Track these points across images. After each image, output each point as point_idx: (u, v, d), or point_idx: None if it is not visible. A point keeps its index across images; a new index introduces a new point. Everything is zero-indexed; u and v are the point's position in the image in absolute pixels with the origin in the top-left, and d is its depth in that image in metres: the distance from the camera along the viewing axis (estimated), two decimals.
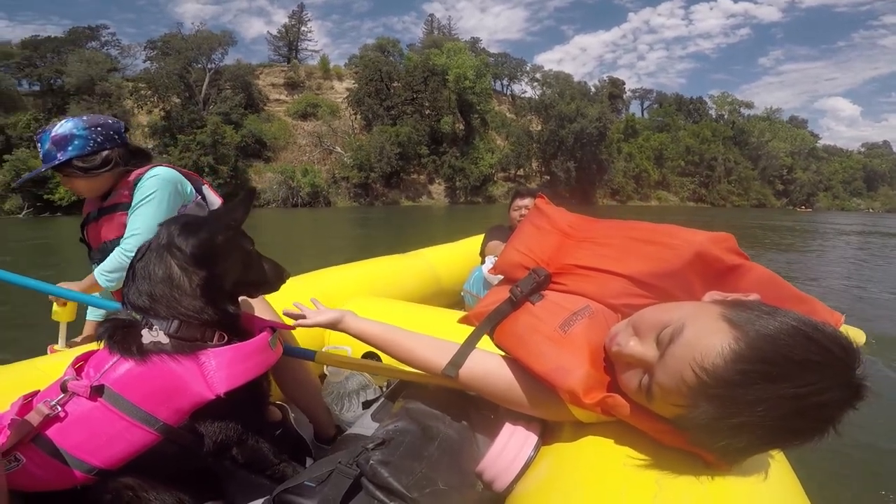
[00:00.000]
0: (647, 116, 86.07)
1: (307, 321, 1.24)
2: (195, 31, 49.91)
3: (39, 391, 1.02)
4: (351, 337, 1.19)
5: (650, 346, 0.78)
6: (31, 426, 0.90)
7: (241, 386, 1.02)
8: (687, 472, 0.72)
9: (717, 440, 0.69)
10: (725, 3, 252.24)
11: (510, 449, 0.98)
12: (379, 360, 1.71)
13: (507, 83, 75.55)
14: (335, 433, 1.59)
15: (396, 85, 52.47)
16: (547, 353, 0.90)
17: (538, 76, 64.97)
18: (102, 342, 1.02)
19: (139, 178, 1.80)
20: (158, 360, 0.97)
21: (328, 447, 1.53)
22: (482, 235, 3.48)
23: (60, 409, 0.93)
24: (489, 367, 1.01)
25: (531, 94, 66.12)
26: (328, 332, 2.05)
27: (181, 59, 45.22)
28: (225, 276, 1.08)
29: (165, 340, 0.99)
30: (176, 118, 42.59)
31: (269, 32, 75.10)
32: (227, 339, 1.07)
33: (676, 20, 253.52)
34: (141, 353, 0.97)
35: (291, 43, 70.55)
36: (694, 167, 73.50)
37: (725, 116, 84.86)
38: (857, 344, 0.65)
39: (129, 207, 1.79)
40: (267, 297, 1.44)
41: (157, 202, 1.75)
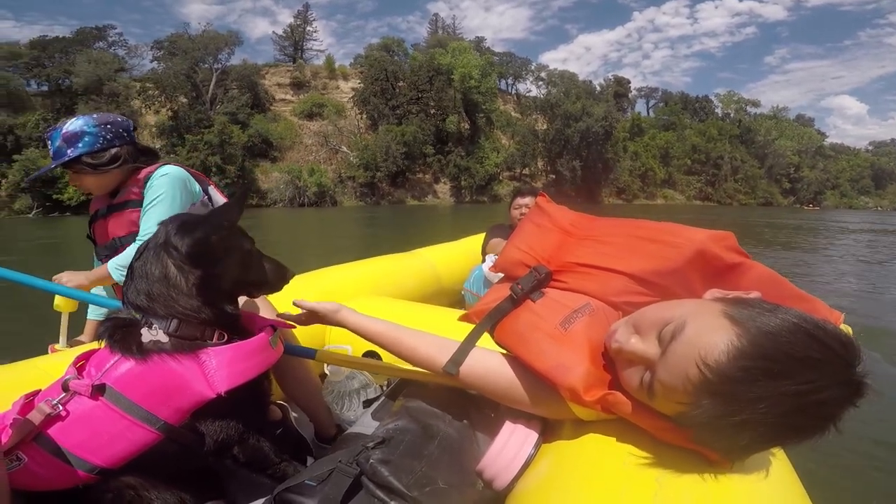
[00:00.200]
0: (652, 115, 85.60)
1: (302, 314, 1.24)
2: (202, 31, 50.27)
3: (41, 390, 1.02)
4: (351, 336, 1.19)
5: (652, 343, 0.78)
6: (32, 425, 0.90)
7: (242, 385, 1.01)
8: (687, 470, 0.72)
9: (719, 438, 0.69)
10: (731, 1, 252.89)
11: (510, 447, 0.97)
12: (380, 359, 1.71)
13: (511, 82, 75.55)
14: (336, 432, 1.59)
15: (402, 84, 52.55)
16: (547, 350, 0.90)
17: (543, 75, 64.95)
18: (103, 341, 1.02)
19: (149, 175, 1.81)
20: (159, 359, 0.96)
21: (329, 446, 1.52)
22: (482, 234, 3.49)
23: (62, 408, 0.93)
24: (490, 364, 1.00)
25: (536, 93, 66.19)
26: (329, 331, 2.05)
27: (188, 59, 45.50)
28: (222, 275, 1.07)
29: (165, 339, 0.99)
30: (183, 118, 42.85)
31: (274, 32, 75.87)
32: (226, 337, 1.07)
33: (681, 19, 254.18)
34: (141, 352, 0.97)
35: (297, 43, 70.85)
36: (700, 166, 73.25)
37: (732, 115, 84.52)
38: (857, 341, 0.65)
39: (138, 204, 1.81)
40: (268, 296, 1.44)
41: (169, 200, 1.77)
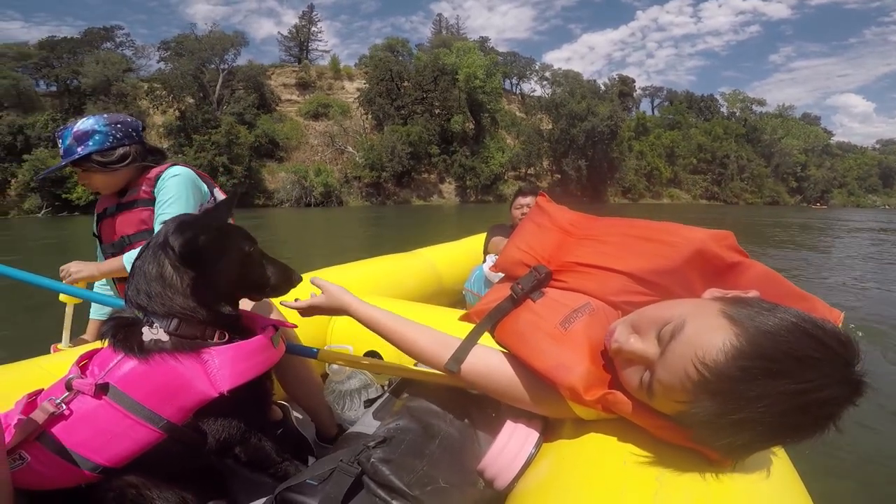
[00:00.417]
0: (657, 114, 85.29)
1: (306, 304, 1.22)
2: (208, 31, 50.50)
3: (43, 390, 1.03)
4: (352, 335, 1.19)
5: (651, 342, 0.77)
6: (35, 424, 0.91)
7: (244, 384, 1.02)
8: (688, 469, 0.72)
9: (718, 437, 0.69)
10: (734, 0, 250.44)
11: (511, 447, 0.97)
12: (381, 358, 1.71)
13: (516, 82, 75.48)
14: (337, 432, 1.59)
15: (406, 85, 52.55)
16: (547, 350, 0.90)
17: (547, 75, 64.77)
18: (106, 340, 1.03)
19: (160, 175, 1.84)
20: (160, 358, 0.97)
21: (330, 446, 1.53)
22: (483, 234, 3.50)
23: (65, 406, 0.94)
24: (491, 363, 1.00)
25: (541, 92, 65.99)
26: (330, 330, 2.04)
27: (195, 59, 45.69)
28: (217, 276, 1.07)
29: (165, 338, 0.99)
30: (190, 118, 43.00)
31: (279, 33, 75.66)
32: (228, 337, 1.07)
33: (685, 18, 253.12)
34: (142, 351, 0.97)
35: (302, 43, 70.94)
36: (706, 165, 72.95)
37: (737, 114, 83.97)
38: (856, 340, 0.65)
39: (148, 203, 1.83)
40: None
41: (184, 200, 1.80)
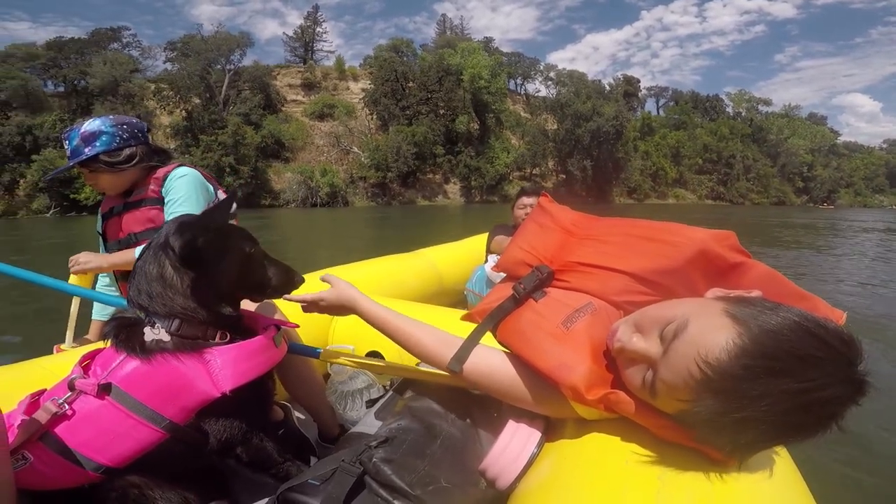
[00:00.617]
0: (662, 114, 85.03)
1: (311, 298, 1.20)
2: (214, 32, 50.66)
3: (46, 390, 1.03)
4: (354, 335, 1.19)
5: (654, 342, 0.77)
6: (38, 424, 0.91)
7: (246, 384, 1.02)
8: (690, 468, 0.71)
9: (721, 436, 0.69)
10: (739, 0, 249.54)
11: (513, 446, 0.97)
12: (383, 358, 1.71)
13: (520, 82, 75.50)
14: (339, 432, 1.60)
15: (411, 85, 52.57)
16: (550, 349, 0.90)
17: (552, 75, 64.80)
18: (108, 341, 1.03)
19: (167, 175, 1.86)
20: (162, 358, 0.97)
21: (332, 446, 1.54)
22: (485, 234, 3.51)
23: (68, 407, 0.94)
24: (493, 362, 1.00)
25: (545, 93, 66.01)
26: (332, 330, 2.04)
27: (201, 60, 45.92)
28: (218, 277, 1.07)
29: (167, 339, 1.00)
30: (197, 119, 43.17)
31: (284, 34, 76.08)
32: (229, 337, 1.07)
33: (690, 17, 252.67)
34: (144, 351, 0.98)
35: (307, 44, 71.14)
36: (712, 165, 72.70)
37: (743, 114, 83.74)
38: (859, 340, 0.65)
39: (155, 202, 1.85)
40: None
41: (194, 200, 1.82)
